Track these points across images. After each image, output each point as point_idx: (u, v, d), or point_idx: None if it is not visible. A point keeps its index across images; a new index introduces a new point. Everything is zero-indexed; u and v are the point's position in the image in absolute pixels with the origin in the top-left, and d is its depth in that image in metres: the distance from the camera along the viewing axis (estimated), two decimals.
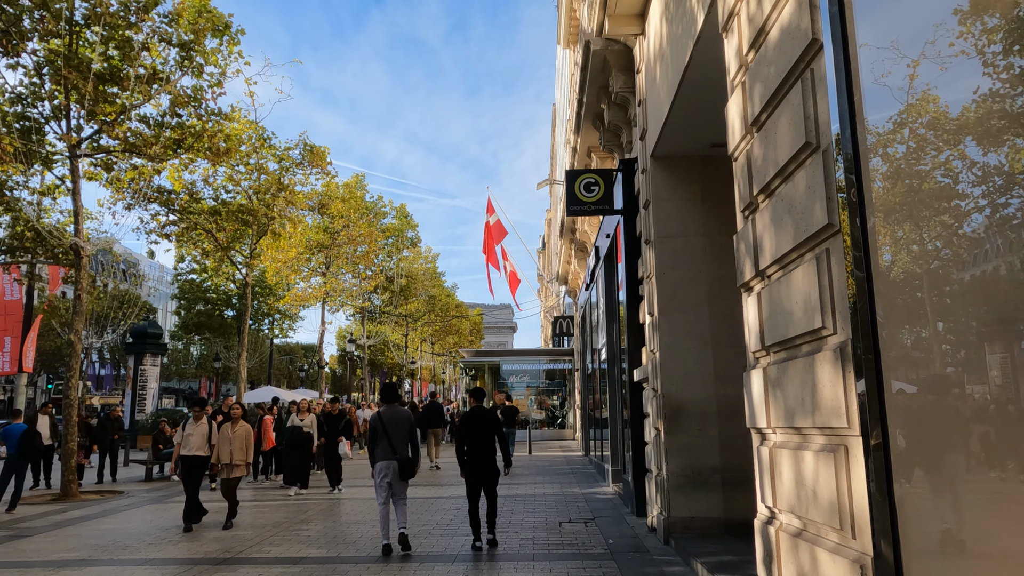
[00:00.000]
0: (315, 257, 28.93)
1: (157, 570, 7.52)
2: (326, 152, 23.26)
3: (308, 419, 14.56)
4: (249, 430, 10.38)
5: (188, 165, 18.24)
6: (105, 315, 37.12)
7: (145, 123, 15.40)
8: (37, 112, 14.78)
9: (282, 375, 77.47)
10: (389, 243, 36.94)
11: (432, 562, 7.63)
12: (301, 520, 10.61)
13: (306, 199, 24.99)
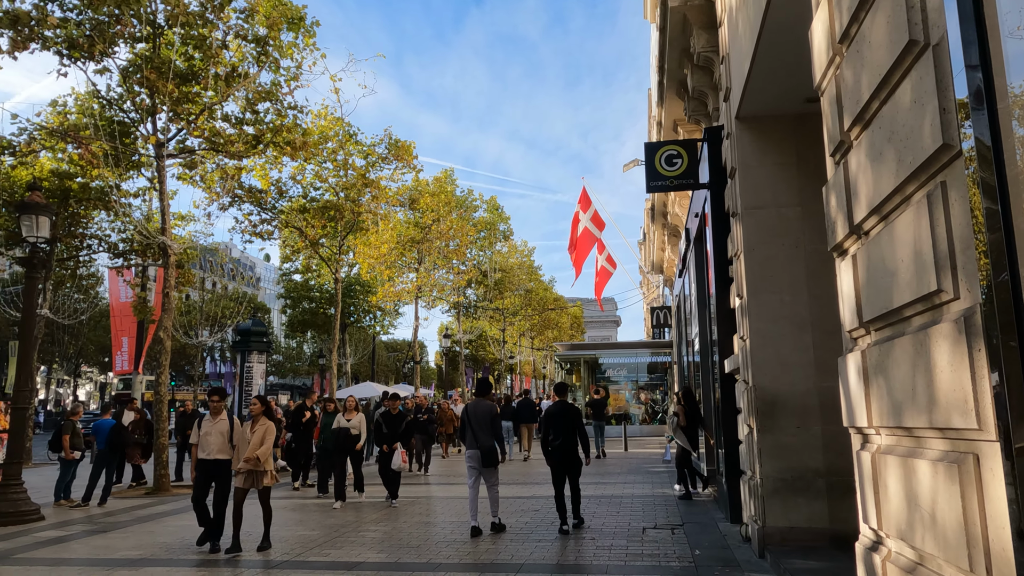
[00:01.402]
0: (407, 253, 28.94)
1: (209, 572, 7.20)
2: (412, 147, 23.08)
3: (356, 419, 12.12)
4: (270, 429, 8.35)
5: (275, 163, 18.39)
6: (220, 315, 38.77)
7: (227, 121, 15.52)
8: (125, 116, 15.15)
9: (389, 371, 79.31)
10: (481, 237, 36.66)
11: (494, 571, 6.94)
12: (371, 520, 10.19)
13: (396, 195, 24.96)
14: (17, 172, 18.07)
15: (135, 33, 13.96)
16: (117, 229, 23.31)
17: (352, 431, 11.91)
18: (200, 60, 14.71)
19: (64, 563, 7.85)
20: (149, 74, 13.83)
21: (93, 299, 43.44)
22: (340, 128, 21.45)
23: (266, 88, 15.35)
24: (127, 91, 14.61)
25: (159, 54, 14.19)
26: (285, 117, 15.67)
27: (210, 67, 14.42)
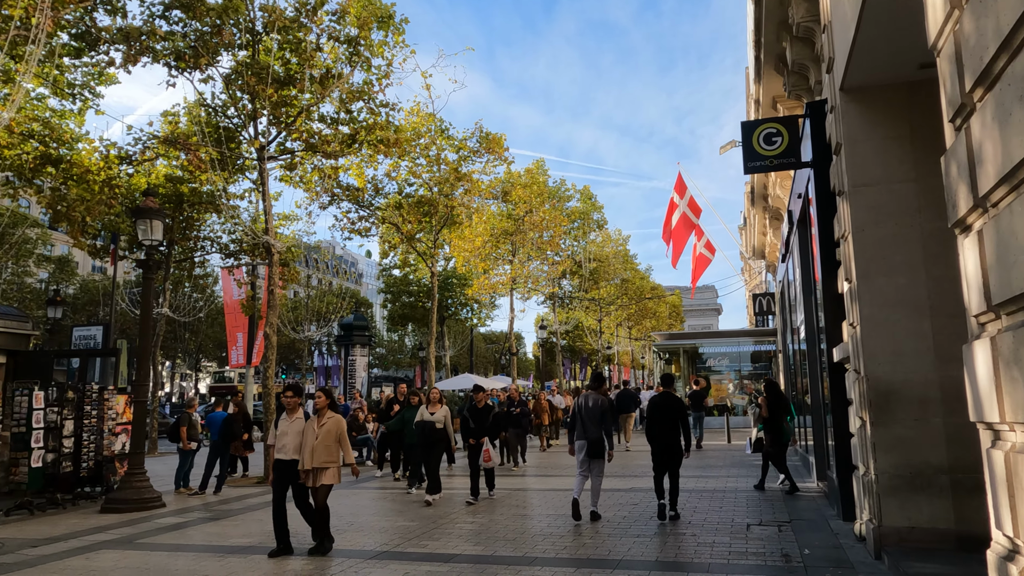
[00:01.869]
0: (501, 245, 29.06)
1: (311, 561, 7.39)
2: (502, 139, 23.09)
3: (440, 412, 11.38)
4: (339, 423, 7.80)
5: (370, 161, 18.79)
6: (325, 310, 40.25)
7: (323, 121, 15.96)
8: (229, 122, 15.83)
9: (488, 362, 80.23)
10: (575, 227, 36.38)
11: (590, 568, 6.79)
12: (468, 512, 10.23)
13: (489, 188, 25.08)
14: (136, 179, 19.26)
15: (235, 41, 14.54)
16: (227, 230, 24.53)
17: (436, 424, 11.29)
18: (296, 64, 15.17)
19: (181, 549, 8.26)
20: (250, 80, 14.38)
21: (209, 297, 46.02)
22: (432, 124, 21.72)
23: (359, 87, 15.67)
24: (230, 98, 15.26)
25: (258, 60, 14.73)
26: (378, 115, 15.97)
27: (306, 70, 14.84)
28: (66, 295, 40.81)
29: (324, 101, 15.41)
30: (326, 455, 7.64)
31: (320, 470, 7.66)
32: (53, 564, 7.59)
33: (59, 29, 13.34)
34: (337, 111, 15.90)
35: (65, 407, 11.92)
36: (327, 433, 7.70)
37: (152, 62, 14.23)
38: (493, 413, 11.71)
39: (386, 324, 57.24)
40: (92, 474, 12.35)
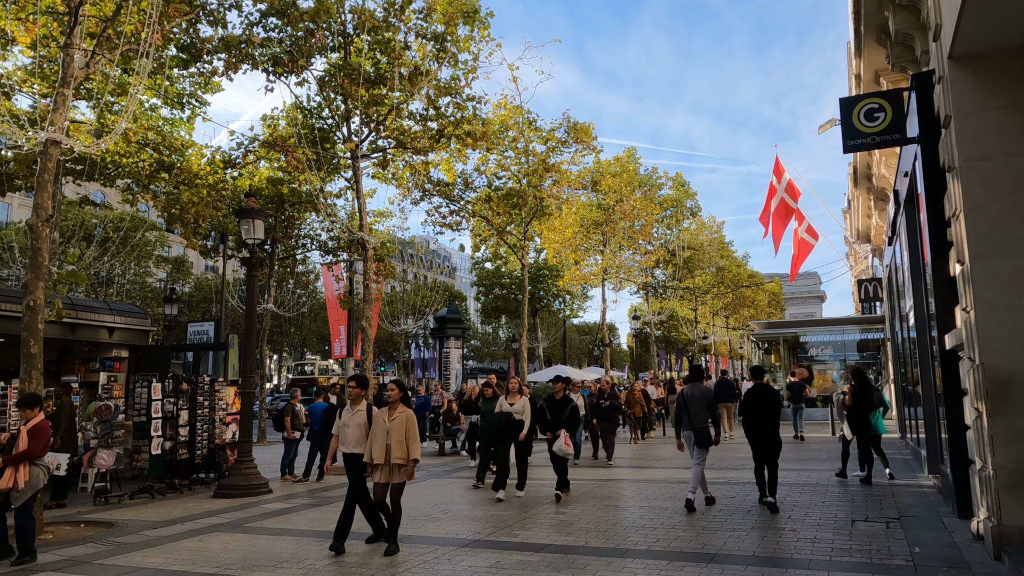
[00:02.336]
0: (591, 235, 28.86)
1: (406, 548, 7.57)
2: (590, 128, 22.89)
3: (519, 403, 10.85)
4: (409, 418, 7.39)
5: (459, 156, 19.04)
6: (420, 303, 41.20)
7: (412, 118, 16.29)
8: (324, 123, 16.39)
9: (581, 354, 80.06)
10: (667, 215, 35.70)
11: (684, 561, 6.66)
12: (562, 502, 10.23)
13: (578, 178, 24.95)
14: (240, 182, 20.23)
15: (328, 44, 15.03)
16: (325, 228, 25.46)
17: (515, 416, 10.75)
18: (385, 63, 15.54)
19: (285, 533, 8.65)
20: (342, 81, 14.83)
21: (311, 293, 47.94)
22: (519, 116, 21.78)
23: (446, 83, 15.89)
24: (324, 99, 15.79)
25: (349, 62, 15.17)
26: (465, 109, 16.16)
27: (395, 68, 15.18)
28: (182, 293, 43.45)
29: (413, 98, 15.73)
30: (399, 451, 7.27)
31: (395, 467, 7.29)
32: (171, 545, 8.10)
33: (167, 42, 14.15)
34: (425, 108, 16.20)
35: (180, 398, 12.68)
36: (397, 428, 7.31)
37: (252, 68, 14.91)
38: (571, 405, 10.96)
39: (479, 316, 58.02)
40: (206, 461, 13.10)
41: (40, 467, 7.45)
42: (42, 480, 7.49)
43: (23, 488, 7.21)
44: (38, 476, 7.38)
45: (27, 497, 7.25)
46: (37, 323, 9.00)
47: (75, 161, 15.19)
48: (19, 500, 7.20)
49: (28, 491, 7.26)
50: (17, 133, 9.32)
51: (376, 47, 15.54)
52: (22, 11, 11.35)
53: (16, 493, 7.18)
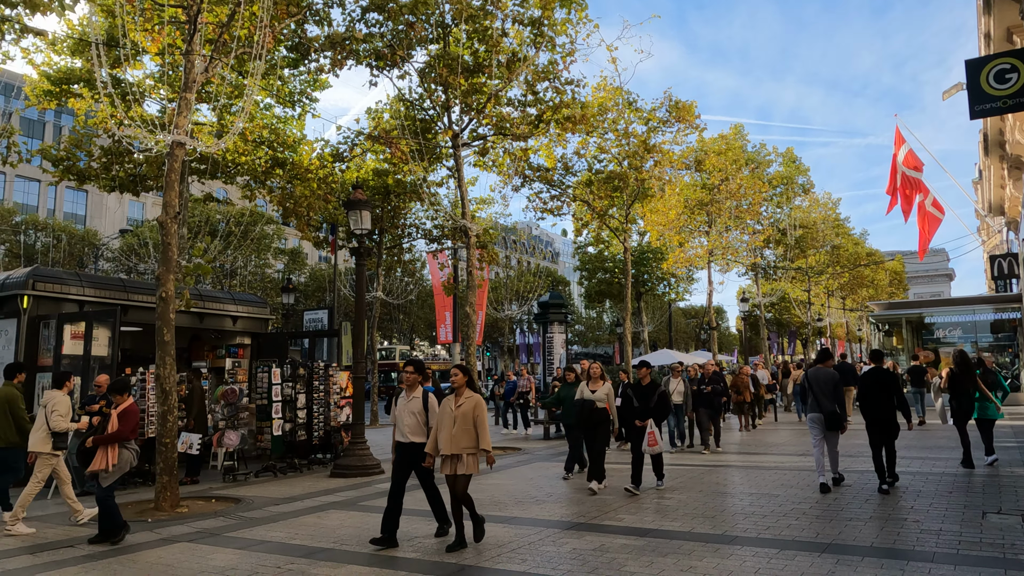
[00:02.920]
0: (696, 216, 28.14)
1: (512, 530, 7.71)
2: (693, 107, 22.27)
3: (602, 390, 10.04)
4: (477, 405, 6.86)
5: (559, 140, 19.00)
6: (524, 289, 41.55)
7: (511, 105, 16.38)
8: (425, 114, 16.73)
9: (688, 338, 78.47)
10: (777, 193, 34.28)
11: (796, 550, 6.45)
12: (667, 488, 10.11)
13: (680, 158, 24.38)
14: (348, 175, 20.99)
15: (427, 36, 15.31)
16: (430, 217, 26.03)
17: (597, 403, 9.99)
18: (483, 51, 15.67)
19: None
20: (442, 71, 15.08)
21: (418, 280, 49.26)
22: (619, 97, 21.45)
23: (544, 68, 15.87)
24: (425, 91, 16.11)
25: (448, 52, 15.40)
26: (564, 93, 16.09)
27: (493, 56, 15.29)
28: (298, 283, 45.67)
29: (511, 85, 15.79)
30: (466, 440, 6.76)
31: (458, 458, 6.78)
32: (292, 520, 8.59)
33: (277, 44, 14.82)
34: (524, 93, 16.24)
35: (298, 382, 13.37)
36: (463, 416, 6.80)
37: (356, 64, 15.39)
38: (660, 391, 10.13)
39: (583, 301, 57.80)
40: (322, 442, 13.77)
41: (129, 450, 7.64)
42: (130, 462, 7.67)
43: (112, 470, 7.42)
44: (127, 459, 7.58)
45: (115, 479, 7.48)
46: (169, 313, 9.71)
47: (199, 161, 16.20)
48: (107, 481, 7.42)
49: (116, 473, 7.47)
50: (147, 137, 10.03)
51: (474, 36, 15.69)
52: (148, 22, 12.17)
53: (105, 474, 7.39)
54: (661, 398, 10.11)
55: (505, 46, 15.56)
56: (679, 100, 22.11)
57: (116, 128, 13.00)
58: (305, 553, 6.93)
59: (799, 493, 9.25)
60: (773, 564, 6.01)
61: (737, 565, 6.02)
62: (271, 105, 17.98)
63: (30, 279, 12.29)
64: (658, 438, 9.92)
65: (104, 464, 7.34)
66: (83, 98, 14.85)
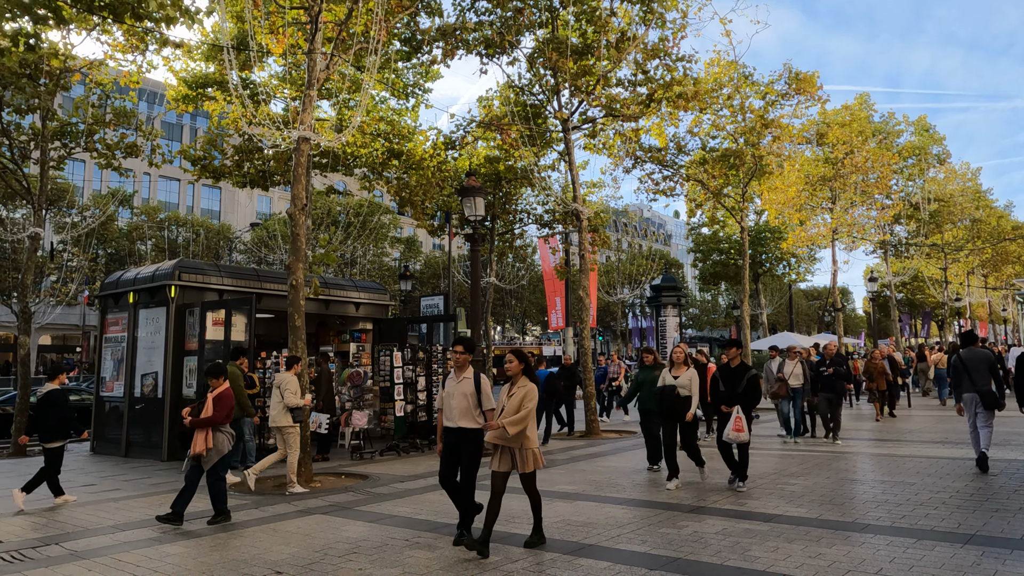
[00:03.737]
0: (818, 192, 26.82)
1: (630, 511, 7.71)
2: (814, 77, 21.22)
3: (685, 375, 9.13)
4: (527, 395, 6.26)
5: (671, 119, 18.60)
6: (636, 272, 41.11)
7: (621, 85, 16.17)
8: (535, 99, 16.80)
9: (810, 320, 75.22)
10: (908, 164, 32.12)
11: (935, 541, 6.11)
12: (792, 473, 9.80)
13: (800, 132, 23.30)
14: (460, 162, 21.41)
15: (535, 20, 15.34)
16: (540, 202, 26.16)
17: (680, 391, 9.04)
18: (592, 32, 15.55)
19: (514, 492, 9.04)
20: (551, 55, 15.09)
21: (529, 266, 49.68)
22: (734, 71, 20.73)
23: (654, 45, 15.57)
24: (534, 76, 16.18)
25: (557, 35, 15.39)
26: (675, 71, 15.73)
27: (601, 37, 15.14)
28: (414, 270, 47.11)
29: (620, 65, 15.59)
30: (515, 429, 6.14)
31: (517, 452, 6.26)
32: (417, 496, 8.95)
33: (391, 38, 15.28)
34: (634, 73, 16.00)
35: (417, 365, 13.84)
36: (511, 406, 6.23)
37: (466, 53, 15.66)
38: (750, 375, 8.87)
39: (697, 284, 56.51)
40: None
41: (224, 433, 7.72)
42: (227, 445, 7.76)
43: (209, 453, 7.57)
44: (223, 441, 7.68)
45: (214, 461, 7.62)
46: (299, 300, 10.28)
47: (321, 155, 16.98)
48: (208, 463, 7.60)
49: (215, 455, 7.62)
50: (274, 134, 10.63)
51: (582, 17, 15.60)
52: (273, 25, 12.86)
53: (204, 457, 7.57)
54: (751, 383, 8.79)
55: (614, 25, 15.38)
56: (799, 71, 21.12)
57: (246, 127, 13.85)
58: (430, 528, 7.21)
59: (937, 482, 8.73)
60: (909, 554, 5.73)
61: (870, 554, 5.77)
62: (386, 98, 18.57)
63: (176, 270, 13.34)
64: (745, 425, 8.59)
65: (202, 447, 7.54)
66: (216, 100, 15.88)
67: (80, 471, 12.11)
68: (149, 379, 13.57)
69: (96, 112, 16.17)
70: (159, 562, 6.16)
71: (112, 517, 8.16)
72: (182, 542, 6.87)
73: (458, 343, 6.75)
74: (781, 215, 26.46)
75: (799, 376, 13.44)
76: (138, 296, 13.98)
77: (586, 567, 5.68)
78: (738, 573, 5.37)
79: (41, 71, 14.70)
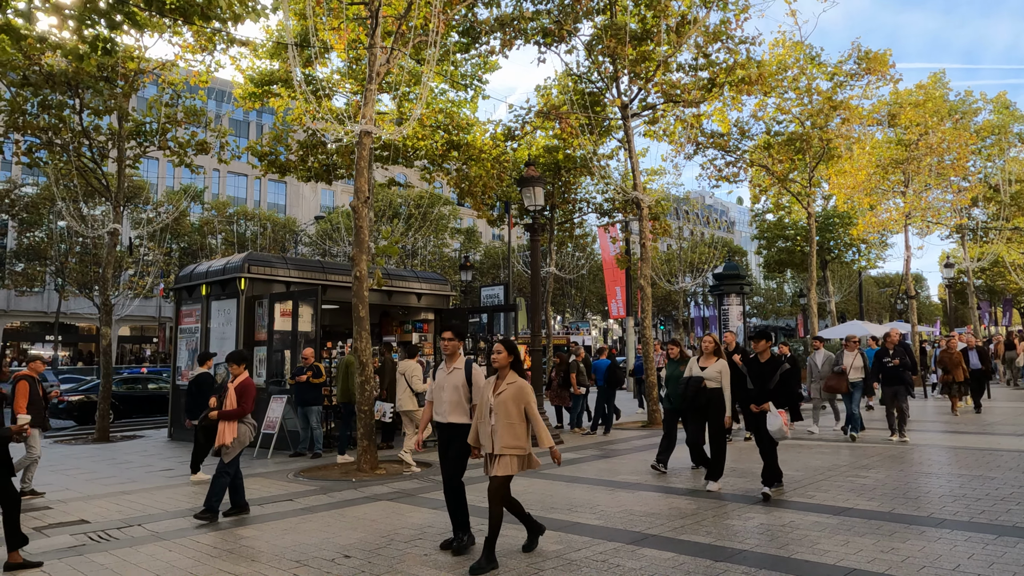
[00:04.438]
0: (890, 176, 25.84)
1: (695, 501, 7.62)
2: (886, 56, 20.45)
3: (714, 367, 8.26)
4: (521, 391, 5.48)
5: (733, 104, 18.19)
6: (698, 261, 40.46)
7: (681, 71, 15.90)
8: (593, 86, 16.66)
9: (881, 308, 72.69)
10: (987, 144, 30.62)
11: (1017, 537, 5.85)
12: (861, 465, 9.53)
13: (871, 113, 22.50)
14: (519, 152, 21.41)
15: (593, 7, 15.20)
16: (600, 190, 25.97)
17: (708, 383, 8.23)
18: (652, 17, 15.31)
19: (577, 480, 9.19)
20: (609, 42, 14.93)
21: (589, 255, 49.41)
22: (799, 52, 20.13)
23: (715, 28, 15.24)
24: (592, 63, 16.04)
25: (615, 21, 15.21)
26: (737, 54, 15.37)
27: (661, 21, 14.89)
28: (474, 261, 47.47)
29: (681, 50, 15.32)
30: (508, 437, 5.42)
31: (497, 456, 5.47)
32: (478, 485, 8.95)
33: (449, 29, 15.36)
34: (695, 57, 15.70)
35: (479, 355, 13.95)
36: (502, 405, 5.45)
37: (524, 43, 15.62)
38: (783, 370, 7.83)
39: (762, 271, 55.21)
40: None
41: (247, 424, 7.60)
42: (249, 437, 7.62)
43: (233, 445, 7.43)
44: (245, 433, 7.56)
45: (236, 453, 7.47)
46: (363, 290, 10.49)
47: (382, 148, 17.23)
48: (229, 456, 7.42)
49: (237, 447, 7.48)
50: (337, 128, 10.84)
51: (641, 2, 15.37)
52: (334, 20, 13.08)
53: (226, 449, 7.41)
54: (785, 378, 7.76)
55: (673, 9, 15.11)
56: (869, 50, 20.39)
57: (310, 122, 14.16)
58: None
59: (1021, 476, 8.36)
60: (989, 551, 5.50)
61: (947, 549, 5.58)
62: (445, 90, 18.70)
63: (246, 263, 13.77)
64: (787, 421, 7.65)
65: (227, 439, 7.46)
66: (281, 97, 16.26)
67: (159, 456, 12.67)
68: (221, 368, 14.06)
69: (168, 111, 16.77)
70: (234, 543, 6.41)
71: (190, 501, 8.52)
72: (255, 525, 7.13)
73: (447, 329, 6.13)
74: (850, 200, 25.60)
75: (859, 368, 12.80)
76: (210, 288, 14.49)
77: (649, 557, 5.65)
78: (807, 566, 5.27)
79: (117, 74, 15.34)
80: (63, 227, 37.50)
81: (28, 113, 15.13)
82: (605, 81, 16.18)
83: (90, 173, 16.53)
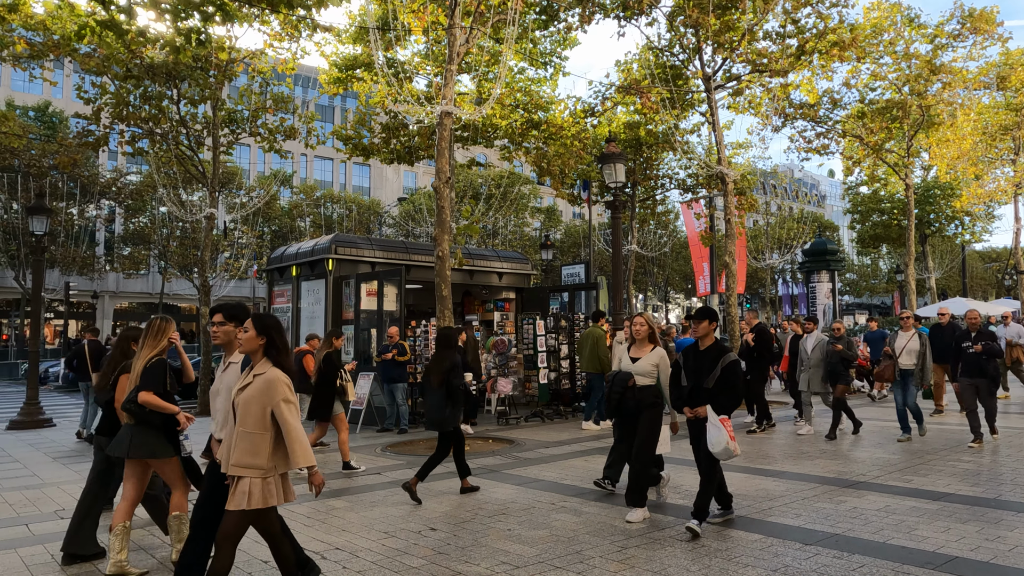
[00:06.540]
0: (998, 143, 24.22)
1: (782, 483, 7.44)
2: (993, 14, 19.09)
3: (648, 358, 6.36)
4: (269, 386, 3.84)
5: (823, 72, 17.40)
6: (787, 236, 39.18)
7: (768, 39, 15.30)
8: (675, 59, 16.24)
9: (987, 284, 68.58)
10: None
11: None
12: (962, 450, 9.06)
13: (976, 77, 21.10)
14: (600, 129, 21.15)
15: None
16: (683, 166, 25.42)
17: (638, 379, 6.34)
18: None
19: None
20: (691, 12, 14.50)
21: (672, 232, 48.51)
22: (896, 14, 19.03)
23: None
24: (674, 35, 15.63)
25: None
26: (828, 18, 14.66)
27: None
28: (554, 240, 47.33)
29: (767, 17, 14.74)
30: (245, 451, 3.82)
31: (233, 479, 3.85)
32: (561, 462, 9.10)
33: (528, 7, 15.26)
34: (782, 24, 15.09)
35: (560, 334, 13.97)
36: (245, 406, 3.86)
37: (603, 17, 15.36)
38: (726, 363, 5.72)
39: (855, 247, 52.88)
40: (584, 391, 14.29)
41: None
42: None
43: None
44: None
45: None
46: (446, 270, 10.64)
47: (462, 128, 17.34)
48: None
49: None
50: (418, 110, 10.97)
51: None
52: (414, 2, 13.21)
53: None
54: (726, 373, 5.71)
55: None
56: (973, 9, 19.08)
57: (392, 105, 14.39)
58: (576, 492, 7.31)
59: None
60: None
61: None
62: (524, 68, 18.62)
63: (333, 244, 14.18)
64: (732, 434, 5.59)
65: None
66: (364, 81, 16.57)
67: None
68: None
69: (258, 99, 17.37)
70: (326, 514, 6.67)
71: None
72: (346, 497, 7.39)
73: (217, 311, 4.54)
74: (953, 170, 24.16)
75: (913, 352, 10.10)
76: (300, 269, 15.02)
77: (736, 538, 5.56)
78: (903, 552, 5.06)
79: (210, 64, 15.97)
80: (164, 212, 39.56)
81: (131, 105, 15.96)
82: (687, 53, 15.76)
83: (188, 160, 17.33)
